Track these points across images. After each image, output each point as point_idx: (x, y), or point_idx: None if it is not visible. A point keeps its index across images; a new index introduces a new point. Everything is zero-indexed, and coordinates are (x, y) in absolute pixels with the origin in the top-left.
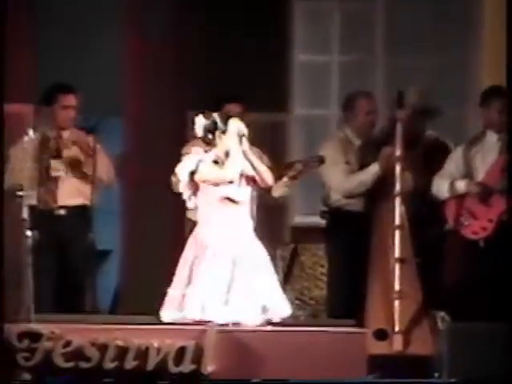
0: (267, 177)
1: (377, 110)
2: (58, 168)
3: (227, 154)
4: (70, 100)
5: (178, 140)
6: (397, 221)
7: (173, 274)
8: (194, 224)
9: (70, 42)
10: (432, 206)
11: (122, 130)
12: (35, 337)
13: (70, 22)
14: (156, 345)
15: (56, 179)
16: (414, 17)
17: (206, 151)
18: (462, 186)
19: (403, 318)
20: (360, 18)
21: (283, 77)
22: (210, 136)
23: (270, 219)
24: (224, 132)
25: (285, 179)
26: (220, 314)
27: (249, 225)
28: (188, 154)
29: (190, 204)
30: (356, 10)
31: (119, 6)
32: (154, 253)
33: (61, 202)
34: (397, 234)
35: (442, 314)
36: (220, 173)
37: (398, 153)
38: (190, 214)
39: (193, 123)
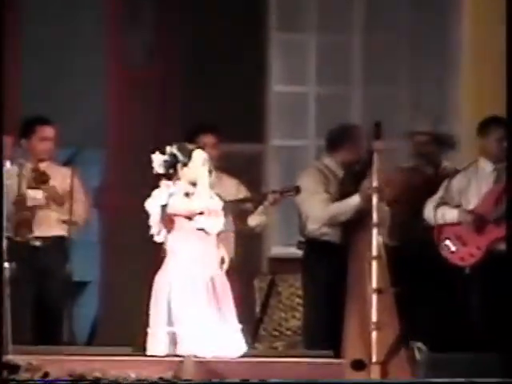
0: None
1: (362, 141)
2: (34, 198)
3: (194, 185)
4: (48, 132)
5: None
6: (374, 251)
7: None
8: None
9: (50, 72)
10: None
11: (101, 161)
12: (13, 368)
13: (51, 48)
14: (133, 376)
15: (33, 210)
16: (390, 46)
17: (174, 184)
18: (454, 214)
19: (381, 349)
20: (336, 48)
21: (260, 107)
22: (171, 171)
23: (247, 250)
24: (186, 164)
25: (261, 208)
26: (199, 348)
27: (216, 256)
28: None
29: (158, 238)
30: (332, 41)
31: (100, 33)
32: (132, 284)
33: (37, 233)
34: (374, 264)
35: (420, 344)
36: (189, 205)
37: (374, 184)
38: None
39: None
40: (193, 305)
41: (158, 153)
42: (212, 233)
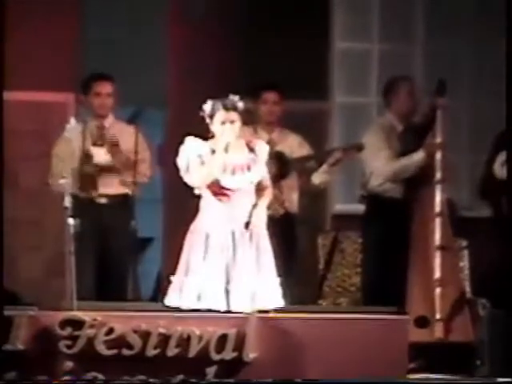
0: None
1: (415, 94)
2: (99, 156)
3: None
4: (104, 87)
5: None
6: (437, 208)
7: None
8: None
9: (112, 30)
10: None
11: (163, 119)
12: (77, 324)
13: (114, 11)
14: (198, 332)
15: (98, 167)
16: (455, 2)
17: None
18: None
19: (444, 306)
20: (400, 4)
21: (323, 65)
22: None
23: (311, 207)
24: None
25: (324, 166)
26: (216, 302)
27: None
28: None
29: (195, 191)
30: None
31: None
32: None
33: (102, 191)
34: (437, 221)
35: (483, 300)
36: (192, 177)
37: (438, 140)
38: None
39: None
40: (216, 259)
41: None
42: (236, 189)
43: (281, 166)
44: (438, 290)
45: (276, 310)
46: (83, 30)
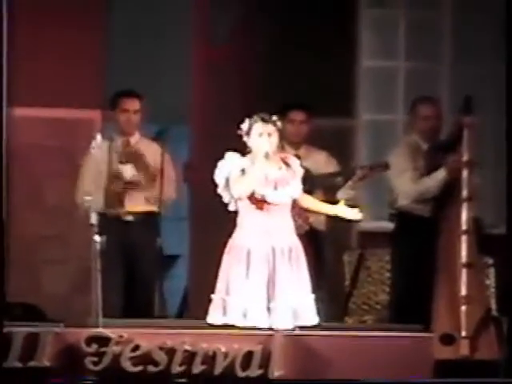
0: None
1: (439, 114)
2: (125, 172)
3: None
4: (131, 104)
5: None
6: (463, 226)
7: None
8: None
9: (138, 48)
10: None
11: (189, 138)
12: (103, 341)
13: (138, 28)
14: (223, 349)
15: (124, 184)
16: (481, 23)
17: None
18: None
19: (470, 323)
20: (426, 24)
21: (350, 82)
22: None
23: (337, 224)
24: (248, 134)
25: (350, 183)
26: (260, 320)
27: (288, 226)
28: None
29: (231, 207)
30: (422, 17)
31: (186, 13)
32: (221, 257)
33: (128, 208)
34: (463, 238)
35: (508, 318)
36: (233, 188)
37: (465, 158)
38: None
39: None
40: (259, 275)
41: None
42: (277, 204)
43: (307, 182)
44: (463, 308)
45: (302, 327)
46: (110, 48)
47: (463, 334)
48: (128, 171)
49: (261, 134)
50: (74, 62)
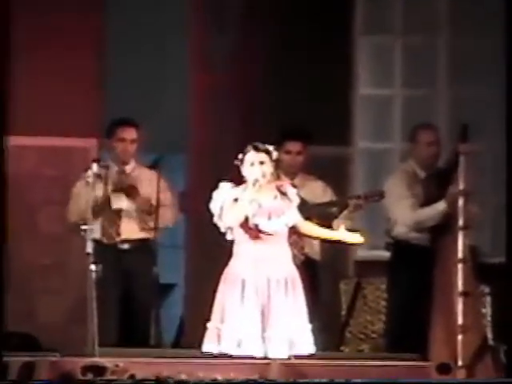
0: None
1: (439, 141)
2: (120, 201)
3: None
4: (128, 133)
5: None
6: (460, 254)
7: None
8: None
9: (135, 77)
10: None
11: (185, 166)
12: (99, 370)
13: (135, 57)
14: (220, 378)
15: (119, 213)
16: (477, 48)
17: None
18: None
19: (466, 352)
20: (422, 51)
21: (347, 110)
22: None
23: (333, 253)
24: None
25: (345, 213)
26: (254, 348)
27: (285, 256)
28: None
29: (228, 236)
30: (418, 44)
31: (183, 40)
32: (217, 286)
33: (124, 236)
34: (460, 267)
35: (505, 347)
36: (238, 211)
37: (461, 187)
38: None
39: None
40: (253, 305)
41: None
42: (272, 233)
43: (302, 211)
44: (460, 337)
45: (298, 357)
46: (106, 76)
47: (460, 363)
48: (122, 200)
49: (252, 163)
50: (70, 91)
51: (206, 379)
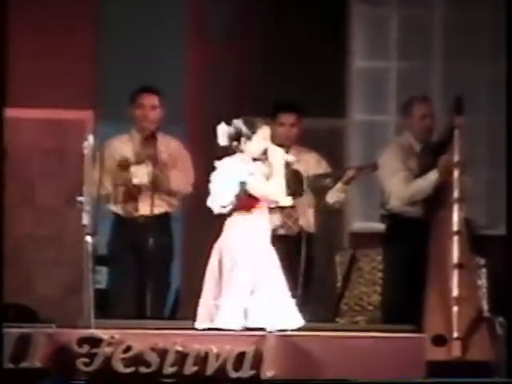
0: (273, 197)
1: (433, 113)
2: (140, 174)
3: (254, 160)
4: (147, 99)
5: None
6: (455, 226)
7: None
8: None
9: (132, 47)
10: None
11: (182, 137)
12: (95, 342)
13: (132, 28)
14: (215, 350)
15: (139, 188)
16: (472, 22)
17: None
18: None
19: (462, 324)
20: (418, 23)
21: (342, 83)
22: (235, 143)
23: (328, 225)
24: (249, 138)
25: (339, 185)
26: (242, 322)
27: (266, 232)
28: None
29: (224, 210)
30: (414, 16)
31: (182, 13)
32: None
33: (142, 212)
34: (455, 239)
35: (501, 319)
36: (276, 193)
37: (456, 159)
38: None
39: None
40: (241, 281)
41: (223, 124)
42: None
43: (296, 183)
44: (455, 309)
45: (293, 328)
46: (102, 49)
47: (455, 334)
48: (143, 173)
49: (266, 138)
50: (65, 63)
51: (202, 351)
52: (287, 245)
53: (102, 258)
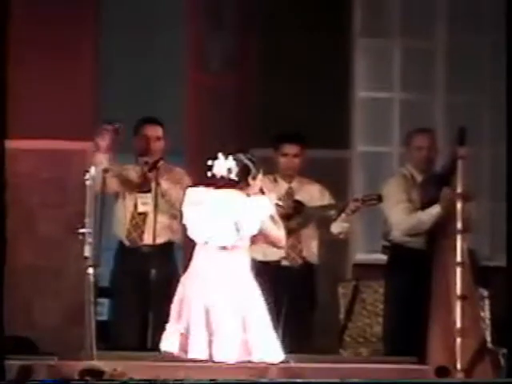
0: (278, 239)
1: (432, 145)
2: (145, 203)
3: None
4: (151, 130)
5: None
6: (458, 257)
7: None
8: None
9: (133, 79)
10: None
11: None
12: (97, 374)
13: (132, 58)
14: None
15: (144, 216)
16: (476, 53)
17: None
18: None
19: (465, 356)
20: (420, 54)
21: (345, 114)
22: (242, 180)
23: (331, 256)
24: (254, 178)
25: (343, 216)
26: (204, 352)
27: (241, 270)
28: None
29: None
30: (416, 47)
31: (181, 44)
32: None
33: (147, 241)
34: (458, 270)
35: (504, 350)
36: (280, 235)
37: (459, 190)
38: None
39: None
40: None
41: (221, 157)
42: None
43: (300, 214)
44: (458, 340)
45: (297, 360)
46: (104, 79)
47: (458, 366)
48: (148, 202)
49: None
50: (67, 94)
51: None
52: (290, 276)
53: (104, 289)
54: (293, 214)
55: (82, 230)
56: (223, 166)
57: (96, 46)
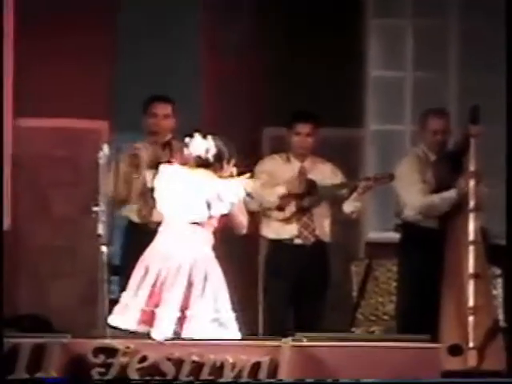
0: (242, 224)
1: (448, 129)
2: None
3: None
4: (160, 108)
5: (254, 157)
6: (471, 236)
7: (244, 292)
8: (269, 242)
9: (147, 59)
10: None
11: None
12: (111, 352)
13: (147, 40)
14: (231, 360)
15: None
16: (489, 32)
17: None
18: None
19: (477, 334)
20: (433, 34)
21: (358, 92)
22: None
23: (344, 235)
24: (229, 162)
25: (355, 195)
26: (163, 328)
27: (206, 248)
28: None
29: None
30: (429, 26)
31: (195, 25)
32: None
33: (156, 218)
34: (471, 249)
35: None
36: (244, 222)
37: (472, 168)
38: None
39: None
40: (176, 287)
41: (198, 136)
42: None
43: (312, 193)
44: (471, 318)
45: (309, 338)
46: (119, 59)
47: (471, 344)
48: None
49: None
50: (82, 73)
51: (218, 360)
52: (303, 254)
53: (117, 267)
54: (305, 192)
55: (95, 208)
56: (201, 145)
57: (112, 29)
